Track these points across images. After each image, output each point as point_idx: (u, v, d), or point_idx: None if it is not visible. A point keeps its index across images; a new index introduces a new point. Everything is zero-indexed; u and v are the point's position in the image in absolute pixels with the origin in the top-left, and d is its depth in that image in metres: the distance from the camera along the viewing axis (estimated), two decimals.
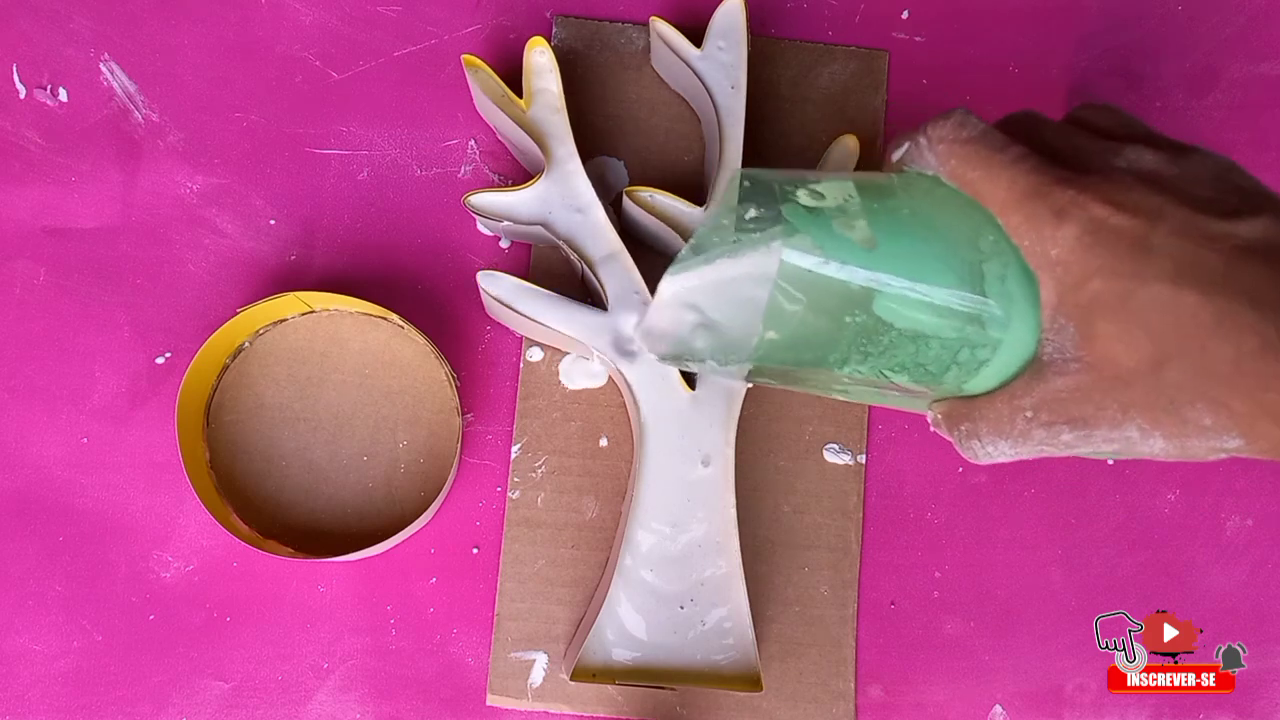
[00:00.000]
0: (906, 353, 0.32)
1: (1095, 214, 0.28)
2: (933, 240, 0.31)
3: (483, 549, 0.47)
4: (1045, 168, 0.29)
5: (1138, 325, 0.27)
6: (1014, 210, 0.29)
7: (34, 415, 0.47)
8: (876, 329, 0.31)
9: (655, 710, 0.46)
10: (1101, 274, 0.28)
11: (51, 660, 0.46)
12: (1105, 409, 0.29)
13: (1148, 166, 0.29)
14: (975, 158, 0.30)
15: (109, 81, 0.49)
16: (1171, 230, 0.27)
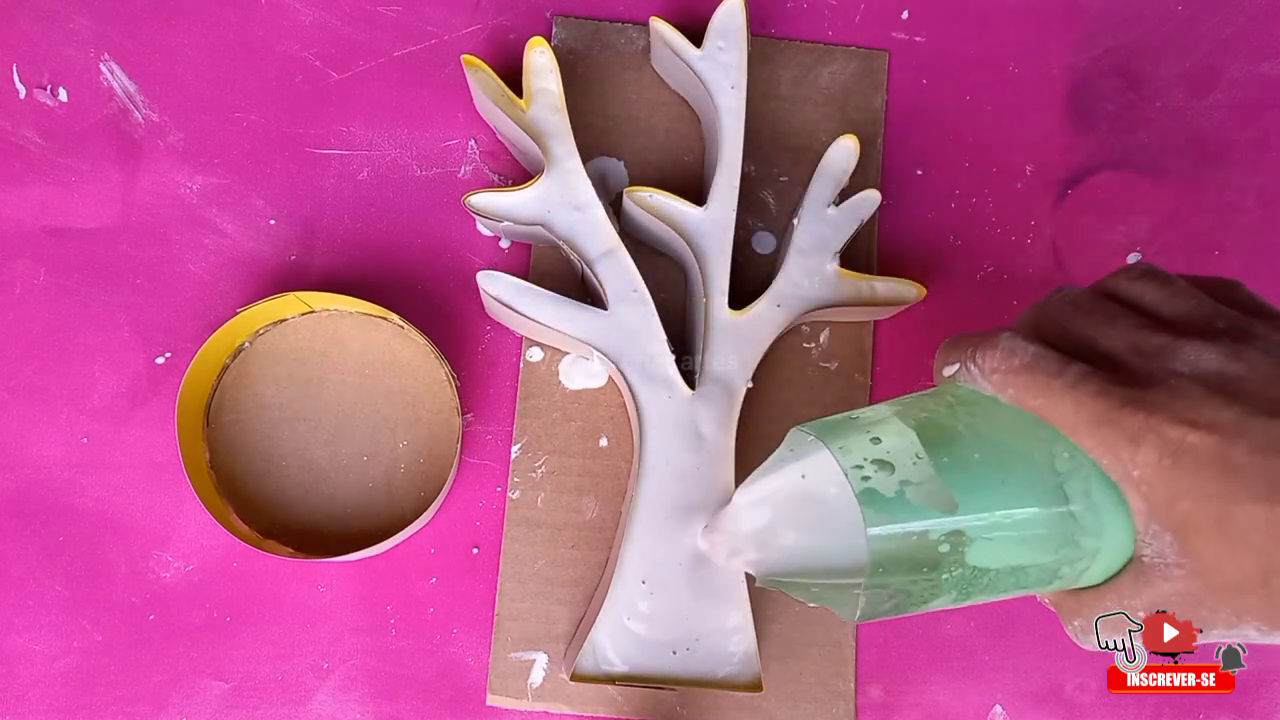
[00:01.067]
0: (1007, 583, 0.32)
1: (1171, 436, 0.27)
2: (1009, 475, 0.30)
3: (483, 549, 0.47)
4: (1109, 388, 0.28)
5: (1239, 545, 0.27)
6: (1085, 435, 0.29)
7: (34, 415, 0.47)
8: (974, 576, 0.31)
9: (655, 710, 0.46)
10: (1189, 496, 0.27)
11: (51, 660, 0.46)
12: (1218, 613, 0.29)
13: (1213, 368, 0.28)
14: (1034, 386, 0.29)
15: (109, 81, 0.49)
16: (1253, 446, 0.26)
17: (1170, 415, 0.27)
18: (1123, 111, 0.51)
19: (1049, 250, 0.50)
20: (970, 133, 0.50)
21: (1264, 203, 0.50)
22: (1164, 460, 0.27)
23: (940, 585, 0.31)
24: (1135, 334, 0.29)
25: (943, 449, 0.31)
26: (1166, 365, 0.28)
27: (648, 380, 0.45)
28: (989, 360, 0.31)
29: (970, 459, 0.30)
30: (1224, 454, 0.27)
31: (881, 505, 0.30)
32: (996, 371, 0.30)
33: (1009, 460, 0.30)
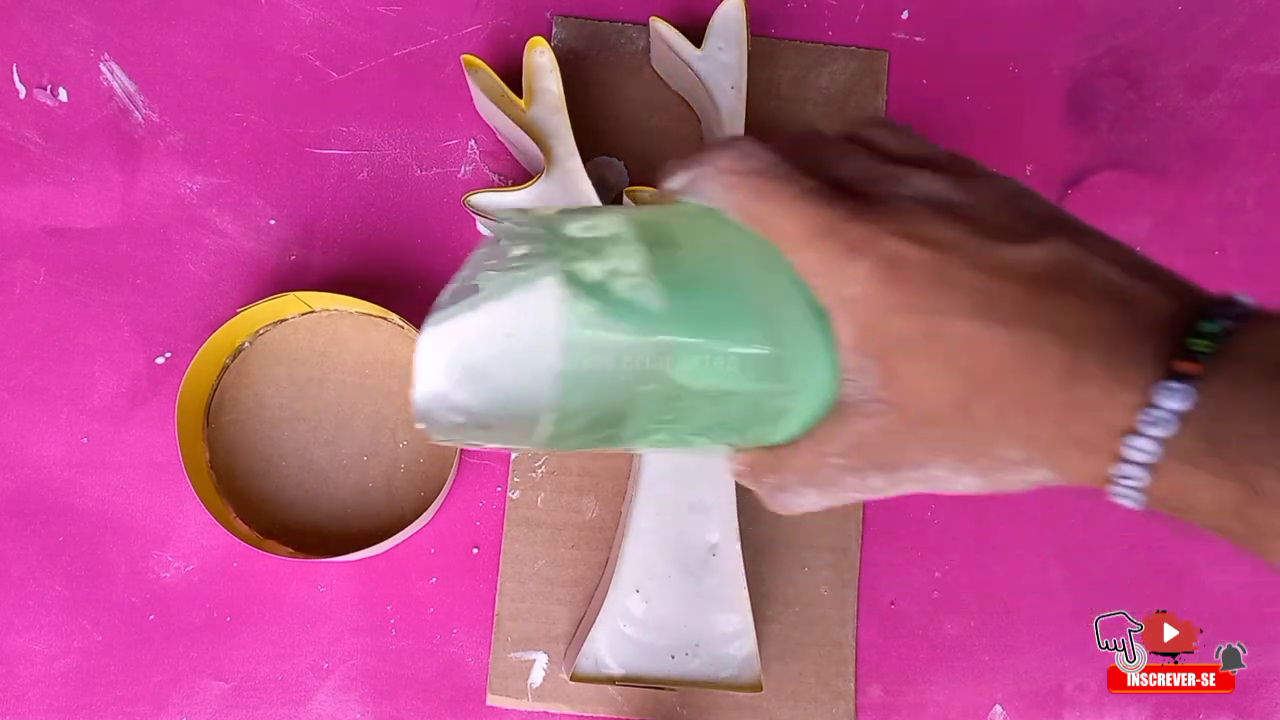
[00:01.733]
0: (707, 413, 0.30)
1: (891, 249, 0.27)
2: (723, 289, 0.29)
3: (483, 549, 0.47)
4: (837, 201, 0.28)
5: (941, 363, 0.27)
6: (806, 247, 0.28)
7: (34, 415, 0.47)
8: (673, 394, 0.29)
9: (655, 710, 0.46)
10: (901, 311, 0.27)
11: (51, 660, 0.46)
12: (914, 450, 0.28)
13: (938, 194, 0.28)
14: (764, 191, 0.28)
15: (109, 81, 0.49)
16: (968, 262, 0.26)
17: (893, 229, 0.27)
18: (1123, 111, 0.51)
19: None
20: (970, 133, 0.50)
21: (1264, 203, 0.50)
22: (881, 273, 0.27)
23: (638, 399, 0.29)
24: (868, 164, 0.29)
25: (660, 250, 0.29)
26: (895, 190, 0.28)
27: None
28: (722, 158, 0.29)
29: (685, 264, 0.29)
30: (940, 269, 0.26)
31: (585, 291, 0.27)
32: (730, 172, 0.29)
33: (724, 276, 0.29)
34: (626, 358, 0.28)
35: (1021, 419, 0.26)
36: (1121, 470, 0.26)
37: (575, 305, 0.27)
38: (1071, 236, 0.27)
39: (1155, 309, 0.25)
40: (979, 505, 0.48)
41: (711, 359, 0.29)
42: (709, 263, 0.29)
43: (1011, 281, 0.26)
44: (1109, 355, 0.25)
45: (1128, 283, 0.26)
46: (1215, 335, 0.25)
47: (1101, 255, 0.26)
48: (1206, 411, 0.24)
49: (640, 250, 0.29)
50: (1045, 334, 0.25)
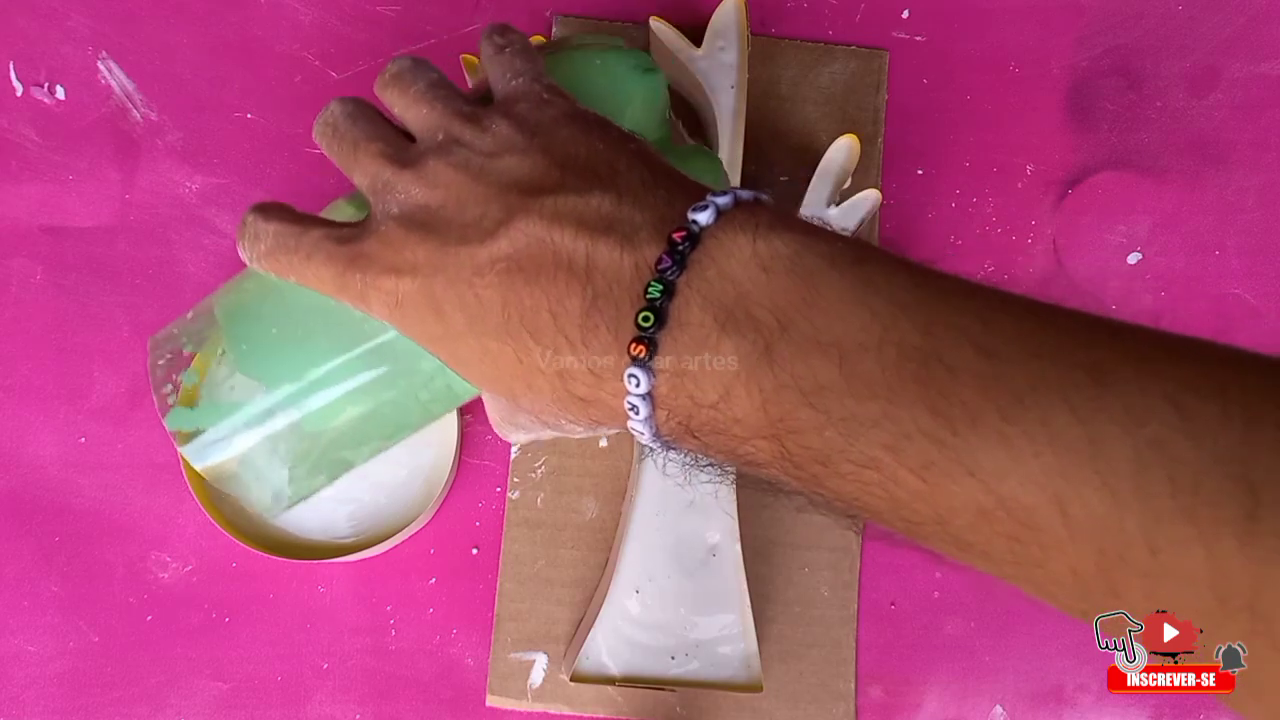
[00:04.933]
0: (371, 430, 0.33)
1: (387, 288, 0.28)
2: (311, 341, 0.31)
3: (482, 549, 0.47)
4: (336, 252, 0.29)
5: (479, 375, 0.29)
6: (339, 295, 0.30)
7: (31, 415, 0.47)
8: (316, 437, 0.32)
9: (655, 710, 0.46)
10: (419, 336, 0.29)
11: (47, 661, 0.46)
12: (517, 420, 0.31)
13: (418, 202, 0.29)
14: (281, 266, 0.30)
15: (107, 80, 0.49)
16: (447, 281, 0.27)
17: (381, 266, 0.28)
18: (1123, 111, 0.51)
19: (1049, 250, 0.50)
20: (970, 133, 0.50)
21: (1264, 203, 0.51)
22: (390, 313, 0.29)
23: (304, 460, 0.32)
24: (373, 168, 0.30)
25: (241, 335, 0.32)
26: (385, 207, 0.29)
27: None
28: (245, 250, 0.31)
29: (268, 335, 0.32)
30: (429, 293, 0.28)
31: (187, 419, 0.31)
32: (254, 259, 0.31)
33: (308, 321, 0.31)
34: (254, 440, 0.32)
35: (550, 408, 0.28)
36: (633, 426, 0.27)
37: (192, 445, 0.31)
38: (531, 207, 0.27)
39: (613, 277, 0.26)
40: None
41: (332, 396, 0.31)
42: (288, 319, 0.32)
43: (488, 288, 0.27)
44: (582, 347, 0.26)
45: (587, 249, 0.26)
46: (657, 305, 0.25)
47: (561, 216, 0.27)
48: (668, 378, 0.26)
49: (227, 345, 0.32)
50: (525, 337, 0.27)
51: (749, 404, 0.25)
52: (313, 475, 0.33)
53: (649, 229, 0.26)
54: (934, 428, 0.22)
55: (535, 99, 0.30)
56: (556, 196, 0.27)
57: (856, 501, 0.25)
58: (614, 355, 0.26)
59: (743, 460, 0.26)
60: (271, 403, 0.31)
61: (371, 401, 0.32)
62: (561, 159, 0.28)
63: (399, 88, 0.31)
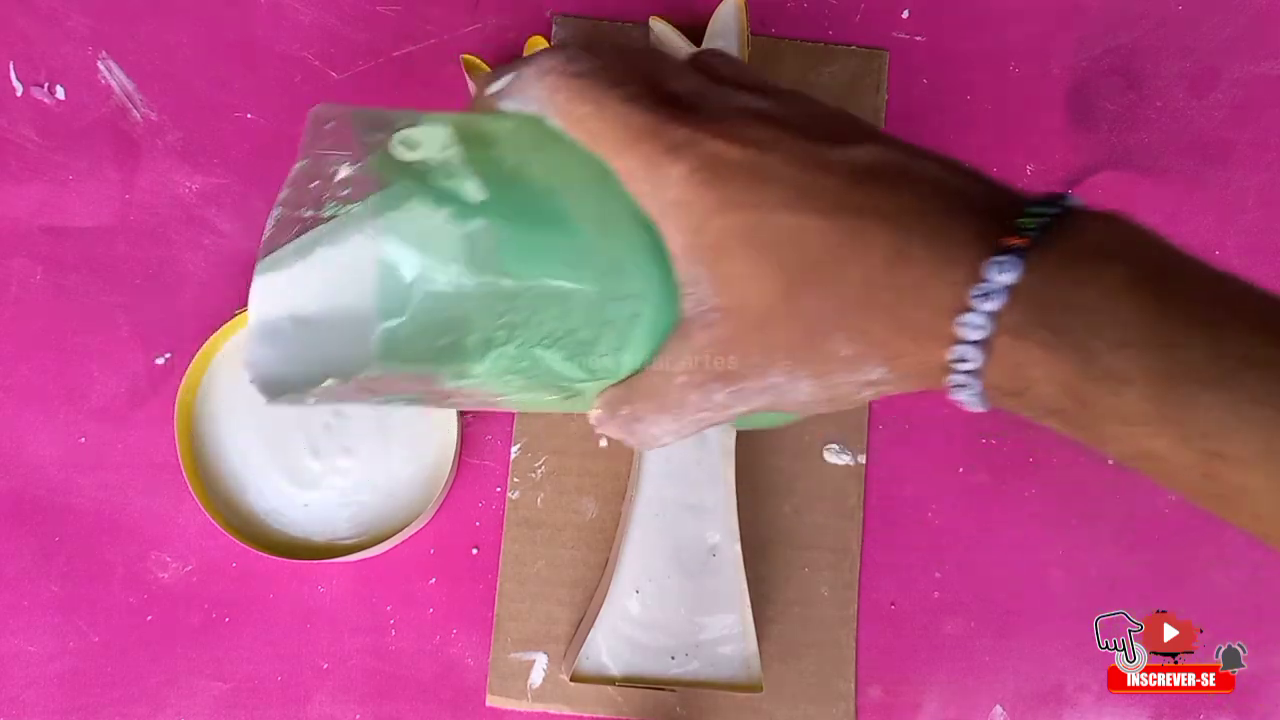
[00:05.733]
0: (551, 317, 0.28)
1: (710, 149, 0.27)
2: (545, 188, 0.28)
3: (482, 549, 0.47)
4: (659, 106, 0.28)
5: (766, 259, 0.26)
6: (627, 151, 0.28)
7: (31, 415, 0.47)
8: (509, 292, 0.28)
9: (655, 710, 0.46)
10: (722, 210, 0.27)
11: (47, 661, 0.46)
12: (750, 356, 0.28)
13: (764, 109, 0.28)
14: (586, 93, 0.28)
15: (107, 80, 0.49)
16: (787, 158, 0.26)
17: (713, 130, 0.27)
18: (1123, 111, 0.51)
19: None
20: (970, 133, 0.50)
21: (1264, 203, 0.51)
22: (701, 173, 0.27)
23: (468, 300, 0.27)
24: (699, 82, 0.29)
25: (478, 148, 0.28)
26: (723, 103, 0.28)
27: None
28: (546, 61, 0.29)
29: (505, 160, 0.28)
30: (760, 165, 0.26)
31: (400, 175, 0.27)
32: (552, 73, 0.29)
33: (547, 177, 0.29)
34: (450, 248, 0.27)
35: (849, 311, 0.26)
36: (955, 353, 0.25)
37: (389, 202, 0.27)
38: (895, 145, 0.27)
39: (981, 198, 0.26)
40: (980, 506, 0.48)
41: (538, 250, 0.28)
42: (528, 161, 0.29)
43: (832, 175, 0.26)
44: (935, 237, 0.25)
45: (954, 178, 0.26)
46: (1041, 218, 0.25)
47: (926, 159, 0.27)
48: (1035, 283, 0.24)
49: (456, 144, 0.28)
50: (867, 220, 0.25)
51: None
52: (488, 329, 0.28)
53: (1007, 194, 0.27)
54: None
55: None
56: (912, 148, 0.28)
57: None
58: (964, 268, 0.25)
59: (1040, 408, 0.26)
60: (483, 222, 0.27)
61: (569, 280, 0.28)
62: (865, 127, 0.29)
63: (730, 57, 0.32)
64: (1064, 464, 0.49)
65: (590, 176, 0.29)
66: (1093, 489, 0.49)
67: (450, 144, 0.28)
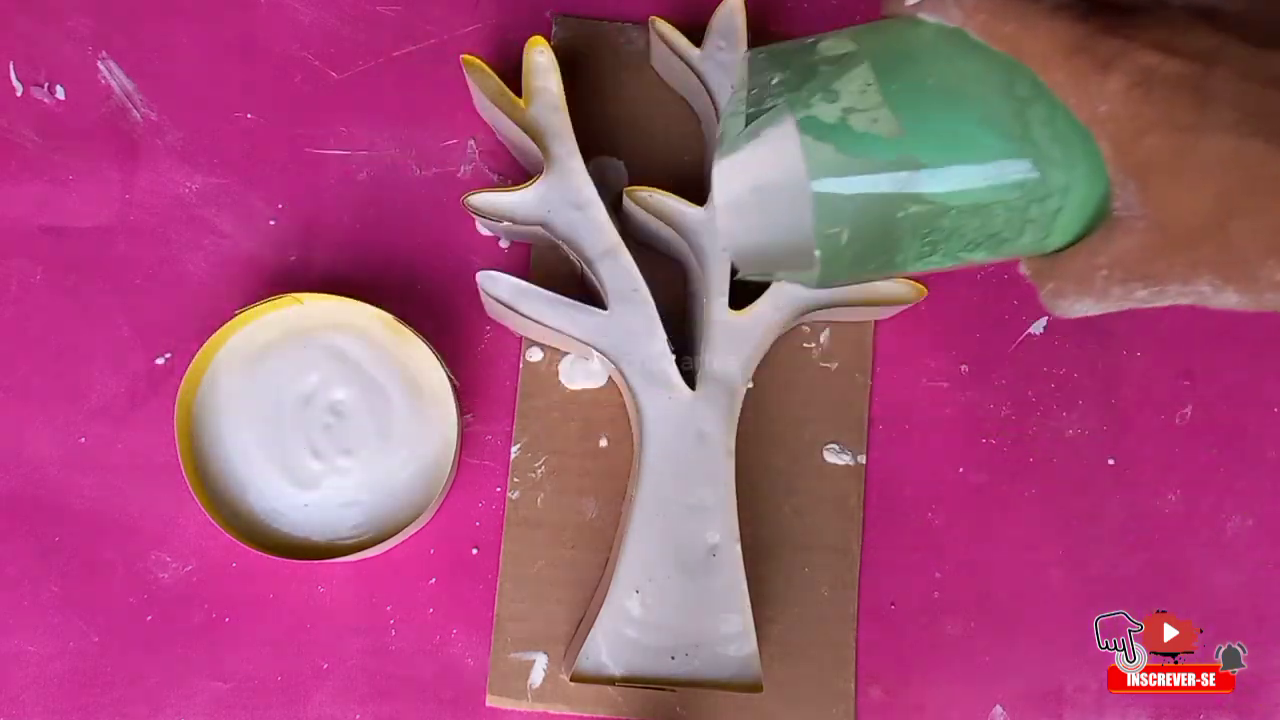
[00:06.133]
0: (973, 228, 0.30)
1: (1145, 62, 0.25)
2: (965, 105, 0.29)
3: (482, 549, 0.47)
4: (1089, 15, 0.26)
5: (1200, 181, 0.25)
6: (1056, 66, 0.27)
7: (30, 415, 0.47)
8: (934, 214, 0.29)
9: (655, 710, 0.46)
10: (1157, 128, 0.25)
11: (47, 662, 0.46)
12: (1175, 267, 0.27)
13: (1205, 3, 0.26)
14: (1009, 9, 0.27)
15: (107, 80, 0.49)
16: (1232, 73, 0.25)
17: (1150, 40, 0.26)
18: None
19: None
20: None
21: None
22: (1135, 89, 0.25)
23: (899, 225, 0.29)
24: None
25: (893, 75, 0.29)
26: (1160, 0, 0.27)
27: (648, 380, 0.45)
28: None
29: (923, 83, 0.29)
30: (1200, 80, 0.25)
31: (823, 133, 0.29)
32: None
33: (967, 93, 0.29)
34: (876, 187, 0.29)
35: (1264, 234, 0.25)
36: None
37: (816, 152, 0.29)
38: None
39: None
40: (979, 505, 0.48)
41: (963, 171, 0.29)
42: (946, 81, 0.29)
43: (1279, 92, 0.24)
44: None
45: None
46: None
47: None
48: None
49: (873, 78, 0.29)
50: None
51: None
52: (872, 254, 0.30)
53: None
54: None
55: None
56: None
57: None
58: None
59: None
60: (907, 151, 0.29)
61: (991, 196, 0.29)
62: None
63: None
64: (1064, 464, 0.49)
65: (1017, 84, 0.29)
66: (1093, 489, 0.49)
67: (869, 83, 0.29)
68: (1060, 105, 0.28)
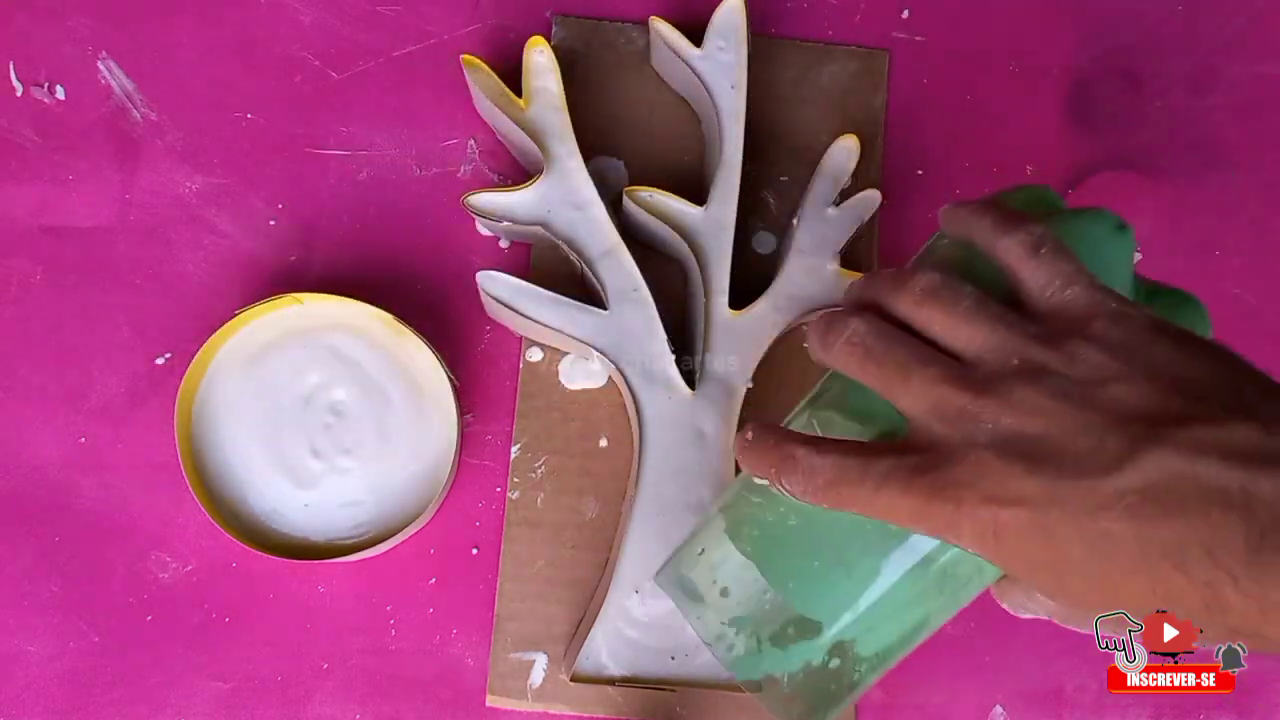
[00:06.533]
0: (919, 636, 0.33)
1: (983, 518, 0.27)
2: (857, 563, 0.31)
3: (482, 549, 0.47)
4: (913, 481, 0.28)
5: (1082, 599, 0.28)
6: (909, 526, 0.29)
7: (30, 415, 0.47)
8: (881, 659, 0.32)
9: (655, 710, 0.46)
10: (1018, 564, 0.27)
11: (47, 662, 0.46)
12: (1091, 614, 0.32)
13: (1012, 430, 0.27)
14: (843, 499, 0.29)
15: (107, 80, 0.49)
16: (1064, 510, 0.26)
17: (978, 496, 0.27)
18: (1123, 111, 0.51)
19: None
20: (970, 133, 0.50)
21: (1264, 203, 0.51)
22: (985, 542, 0.27)
23: (857, 681, 0.32)
24: (932, 393, 0.29)
25: (783, 570, 0.31)
26: (967, 434, 0.28)
27: (648, 380, 0.45)
28: (796, 482, 0.30)
29: (810, 568, 0.31)
30: (1038, 524, 0.26)
31: (752, 666, 0.32)
32: (807, 493, 0.30)
33: (850, 548, 0.31)
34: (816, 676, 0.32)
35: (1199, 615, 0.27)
36: None
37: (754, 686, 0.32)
38: (1163, 437, 0.26)
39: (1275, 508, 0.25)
40: None
41: (885, 620, 0.32)
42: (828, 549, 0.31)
43: (1116, 521, 0.26)
44: (1250, 583, 0.25)
45: (1243, 482, 0.25)
46: None
47: (1203, 449, 0.25)
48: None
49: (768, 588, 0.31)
50: (1169, 573, 0.25)
51: None
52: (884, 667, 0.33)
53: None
54: None
55: (1108, 314, 0.28)
56: (1190, 429, 0.26)
57: None
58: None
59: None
60: (831, 636, 0.31)
61: (922, 611, 0.32)
62: (1172, 384, 0.27)
63: (940, 305, 0.30)
64: None
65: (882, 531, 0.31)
66: None
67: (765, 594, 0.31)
68: None
